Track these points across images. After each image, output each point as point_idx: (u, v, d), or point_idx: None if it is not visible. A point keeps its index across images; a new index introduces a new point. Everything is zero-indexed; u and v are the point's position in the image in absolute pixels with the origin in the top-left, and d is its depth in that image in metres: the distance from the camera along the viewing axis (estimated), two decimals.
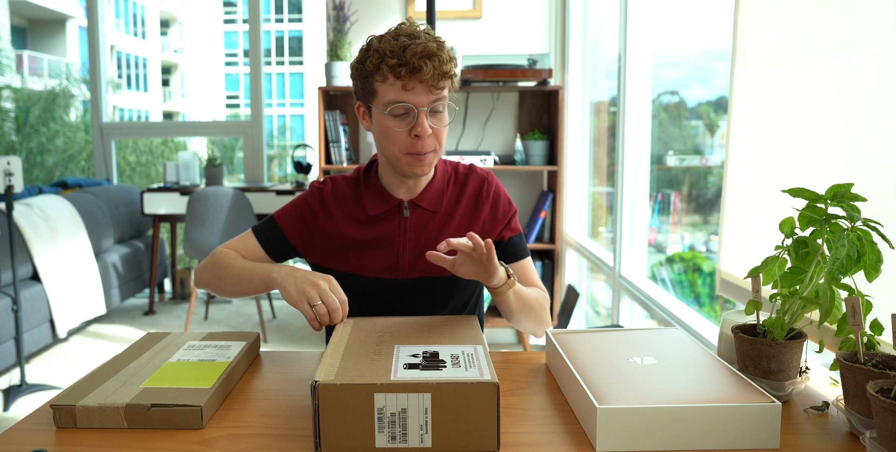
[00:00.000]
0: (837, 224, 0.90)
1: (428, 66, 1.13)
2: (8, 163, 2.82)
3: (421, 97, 1.16)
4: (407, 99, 1.16)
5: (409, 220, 1.29)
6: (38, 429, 0.87)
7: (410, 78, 1.15)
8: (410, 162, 1.21)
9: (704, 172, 2.76)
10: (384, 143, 1.22)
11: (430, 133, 1.18)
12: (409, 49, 1.14)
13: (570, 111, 3.47)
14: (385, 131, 1.20)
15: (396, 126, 1.18)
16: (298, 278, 1.08)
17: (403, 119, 1.18)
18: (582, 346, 1.03)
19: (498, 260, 1.15)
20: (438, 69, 1.15)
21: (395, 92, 1.16)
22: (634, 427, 0.79)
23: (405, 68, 1.14)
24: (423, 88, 1.16)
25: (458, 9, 3.55)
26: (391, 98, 1.17)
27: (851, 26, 1.10)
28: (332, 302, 1.05)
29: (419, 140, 1.18)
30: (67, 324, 3.55)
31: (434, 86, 1.16)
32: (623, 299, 2.58)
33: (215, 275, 1.28)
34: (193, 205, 3.67)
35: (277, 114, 32.65)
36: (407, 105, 1.17)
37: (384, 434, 0.79)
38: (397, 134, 1.19)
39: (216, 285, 1.29)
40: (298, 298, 1.06)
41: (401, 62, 1.14)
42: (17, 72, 12.99)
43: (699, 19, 2.48)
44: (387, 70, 1.16)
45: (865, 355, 0.84)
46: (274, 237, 1.32)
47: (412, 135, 1.18)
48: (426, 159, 1.21)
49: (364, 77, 1.20)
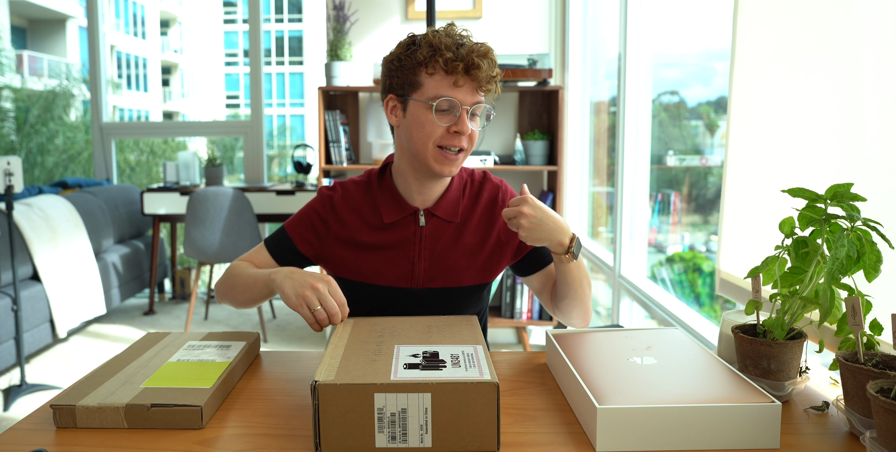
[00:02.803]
0: (837, 224, 0.90)
1: (484, 66, 1.15)
2: (8, 163, 2.82)
3: (467, 96, 1.17)
4: (454, 95, 1.16)
5: (425, 230, 1.28)
6: (38, 429, 0.87)
7: (463, 75, 1.15)
8: (439, 157, 1.19)
9: (704, 172, 2.76)
10: (417, 136, 1.20)
11: (469, 132, 1.19)
12: (464, 46, 1.15)
13: (570, 111, 3.47)
14: (422, 124, 1.19)
15: (438, 120, 1.18)
16: (297, 281, 1.07)
17: (445, 114, 1.18)
18: (582, 346, 1.03)
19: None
20: (490, 71, 1.16)
21: (445, 87, 1.16)
22: (634, 427, 0.79)
23: (461, 64, 1.14)
24: (471, 88, 1.17)
25: (458, 9, 3.55)
26: (439, 92, 1.16)
27: (851, 26, 1.10)
28: (331, 306, 1.04)
29: (456, 136, 1.18)
30: (67, 324, 3.55)
31: (481, 87, 1.17)
32: (623, 299, 2.58)
33: (229, 287, 1.29)
34: (193, 205, 3.67)
35: (277, 114, 32.65)
36: (453, 101, 1.16)
37: (384, 434, 0.79)
38: (435, 127, 1.18)
39: (231, 297, 1.30)
40: (298, 302, 1.05)
41: (456, 57, 1.14)
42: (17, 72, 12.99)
43: (699, 19, 2.48)
44: (440, 63, 1.15)
45: (865, 355, 0.84)
46: (285, 248, 1.32)
47: (451, 131, 1.18)
48: (457, 159, 1.20)
49: (408, 68, 1.19)
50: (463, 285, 1.30)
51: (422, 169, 1.23)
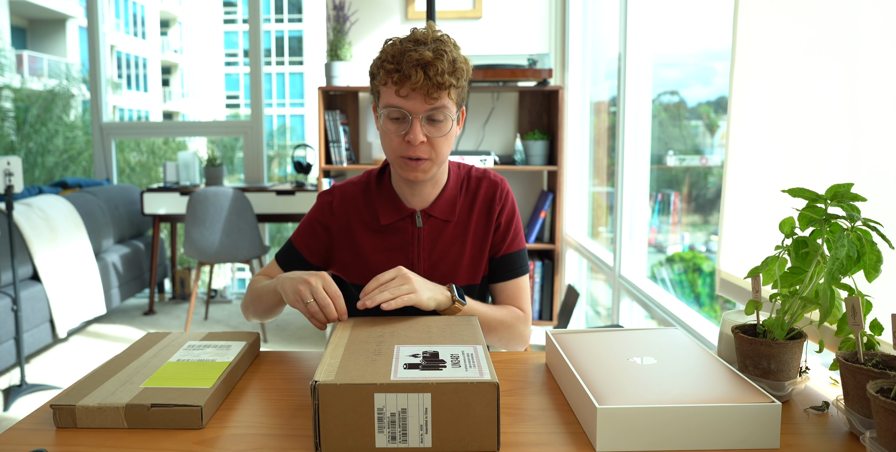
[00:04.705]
0: (837, 224, 0.90)
1: (418, 75, 1.12)
2: (8, 163, 2.82)
3: (416, 104, 1.15)
4: (402, 105, 1.16)
5: (423, 231, 1.29)
6: (38, 429, 0.87)
7: (402, 85, 1.14)
8: (403, 166, 1.20)
9: (704, 172, 2.76)
10: (383, 145, 1.23)
11: (421, 140, 1.17)
12: (406, 55, 1.13)
13: (570, 111, 3.47)
14: (384, 133, 1.20)
15: (392, 130, 1.18)
16: (294, 278, 1.10)
17: (400, 123, 1.18)
18: (582, 346, 1.03)
19: (449, 285, 1.17)
20: (433, 79, 1.12)
21: (392, 96, 1.16)
22: (634, 427, 0.79)
23: (398, 74, 1.13)
24: (417, 96, 1.15)
25: (458, 9, 3.55)
26: (388, 101, 1.17)
27: (851, 26, 1.10)
28: (322, 298, 1.06)
29: (410, 146, 1.18)
30: (67, 324, 3.54)
31: (427, 95, 1.14)
32: (623, 299, 2.58)
33: (249, 301, 1.33)
34: (193, 205, 3.67)
35: (277, 114, 32.64)
36: (402, 110, 1.16)
37: (384, 434, 0.79)
38: (393, 137, 1.19)
39: (252, 310, 1.33)
40: (294, 298, 1.08)
41: (396, 68, 1.14)
42: (17, 72, 12.98)
43: (699, 19, 2.48)
44: (384, 74, 1.16)
45: (865, 355, 0.84)
46: (295, 261, 1.34)
47: (405, 140, 1.18)
48: (420, 166, 1.20)
49: (373, 78, 1.21)
50: (462, 283, 1.31)
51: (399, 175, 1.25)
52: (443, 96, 1.16)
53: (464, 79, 1.18)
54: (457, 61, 1.16)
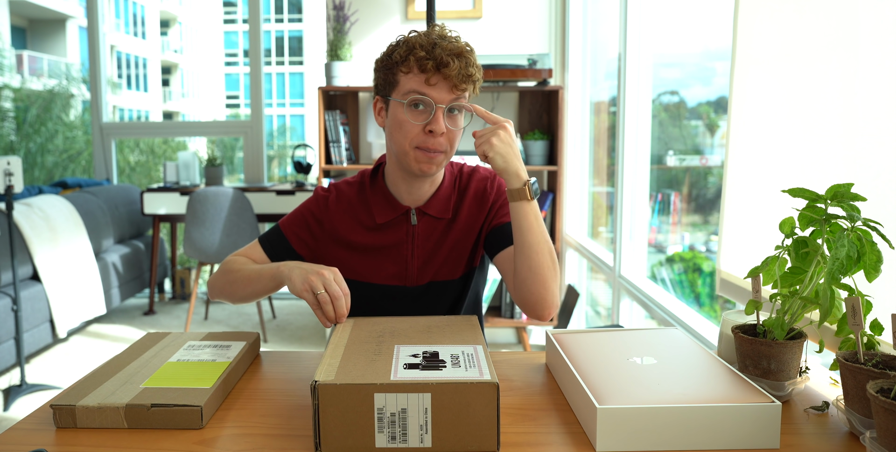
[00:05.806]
0: (837, 224, 0.90)
1: (455, 64, 1.14)
2: (8, 163, 2.82)
3: (442, 94, 1.16)
4: (428, 92, 1.16)
5: (417, 228, 1.29)
6: (38, 429, 0.87)
7: (435, 73, 1.15)
8: (419, 157, 1.19)
9: (704, 172, 2.76)
10: (396, 136, 1.20)
11: (444, 131, 1.17)
12: (438, 45, 1.15)
13: (570, 111, 3.47)
14: (400, 124, 1.19)
15: (413, 118, 1.18)
16: (305, 269, 1.08)
17: (420, 113, 1.18)
18: (582, 346, 1.03)
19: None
20: (464, 69, 1.15)
21: (418, 84, 1.16)
22: (634, 427, 0.79)
23: (432, 62, 1.14)
24: (445, 86, 1.16)
25: (458, 9, 3.55)
26: (413, 88, 1.17)
27: (851, 26, 1.10)
28: (334, 290, 1.04)
29: (432, 136, 1.17)
30: (67, 324, 3.54)
31: (456, 85, 1.16)
32: (623, 299, 2.58)
33: (227, 281, 1.27)
34: (193, 205, 3.67)
35: (277, 114, 32.65)
36: (427, 99, 1.16)
37: (384, 434, 0.79)
38: (411, 127, 1.18)
39: (229, 291, 1.28)
40: (303, 288, 1.05)
41: (429, 55, 1.14)
42: (17, 72, 12.99)
43: (699, 19, 2.48)
44: (413, 61, 1.16)
45: (865, 355, 0.84)
46: (280, 247, 1.32)
47: (426, 130, 1.17)
48: (436, 158, 1.19)
49: (388, 68, 1.20)
50: (455, 278, 1.31)
51: (407, 169, 1.23)
52: (469, 89, 1.19)
53: (480, 78, 1.22)
54: (476, 61, 1.20)
